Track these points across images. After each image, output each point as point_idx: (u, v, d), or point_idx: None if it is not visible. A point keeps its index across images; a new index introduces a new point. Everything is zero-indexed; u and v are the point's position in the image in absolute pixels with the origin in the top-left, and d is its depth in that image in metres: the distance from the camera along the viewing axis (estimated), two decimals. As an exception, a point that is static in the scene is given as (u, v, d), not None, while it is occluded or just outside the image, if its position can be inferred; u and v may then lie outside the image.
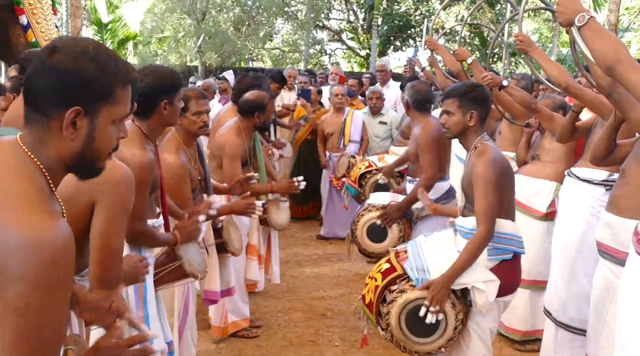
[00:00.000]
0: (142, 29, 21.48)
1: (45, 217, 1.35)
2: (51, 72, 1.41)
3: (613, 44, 2.48)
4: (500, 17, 19.06)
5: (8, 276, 1.29)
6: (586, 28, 2.54)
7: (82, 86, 1.43)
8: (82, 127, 1.45)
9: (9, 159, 1.42)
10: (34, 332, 1.32)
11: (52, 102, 1.43)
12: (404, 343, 3.13)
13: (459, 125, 3.28)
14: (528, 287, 4.56)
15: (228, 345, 4.57)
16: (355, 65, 25.75)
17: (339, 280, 6.17)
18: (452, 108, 3.28)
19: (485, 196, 3.07)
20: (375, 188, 5.66)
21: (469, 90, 3.33)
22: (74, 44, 1.46)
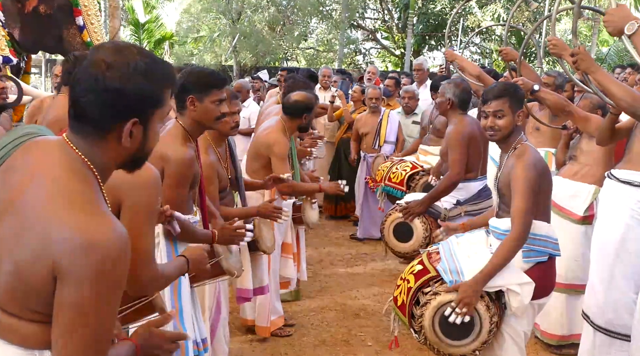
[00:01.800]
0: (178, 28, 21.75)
1: (102, 218, 1.40)
2: (107, 92, 1.45)
3: None
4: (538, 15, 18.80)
5: (68, 276, 1.35)
6: (637, 36, 2.52)
7: (138, 101, 1.49)
8: (138, 134, 1.52)
9: (63, 160, 1.47)
10: (88, 329, 1.37)
11: (109, 118, 1.48)
12: (438, 345, 3.11)
13: (509, 126, 3.20)
14: (564, 291, 4.49)
15: (261, 344, 4.59)
16: (389, 65, 25.67)
17: (372, 279, 6.15)
18: (504, 109, 3.20)
19: (523, 198, 3.03)
20: (425, 190, 5.57)
21: (517, 89, 3.28)
22: (124, 58, 1.47)
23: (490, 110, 3.23)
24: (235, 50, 18.76)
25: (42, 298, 1.41)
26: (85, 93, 1.45)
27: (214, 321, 3.78)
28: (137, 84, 1.47)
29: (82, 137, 1.49)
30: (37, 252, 1.37)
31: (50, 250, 1.35)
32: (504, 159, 3.28)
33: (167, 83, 1.56)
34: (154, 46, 22.76)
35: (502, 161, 3.31)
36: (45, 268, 1.37)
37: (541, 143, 5.14)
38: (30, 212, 1.40)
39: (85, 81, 1.46)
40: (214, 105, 3.08)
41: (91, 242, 1.34)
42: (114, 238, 1.38)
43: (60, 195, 1.40)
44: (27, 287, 1.41)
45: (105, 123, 1.48)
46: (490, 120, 3.25)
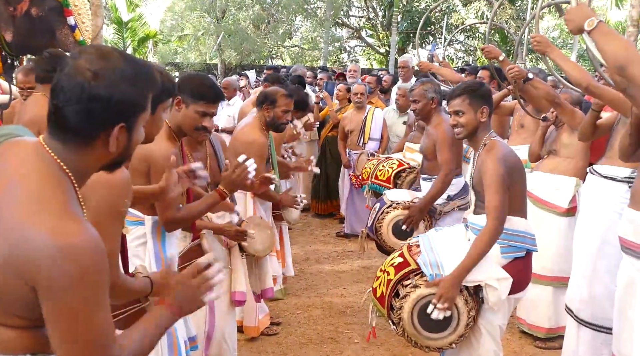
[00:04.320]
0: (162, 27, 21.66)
1: (76, 223, 1.37)
2: (94, 100, 1.42)
3: (623, 44, 2.55)
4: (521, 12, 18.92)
5: (50, 285, 1.33)
6: (595, 32, 2.60)
7: (125, 107, 1.47)
8: (123, 139, 1.50)
9: (38, 164, 1.43)
10: (83, 334, 1.36)
11: (95, 127, 1.46)
12: (416, 338, 3.14)
13: (471, 123, 3.28)
14: (551, 284, 4.53)
15: (248, 343, 4.59)
16: (374, 63, 25.71)
17: (358, 277, 6.17)
18: (463, 107, 3.28)
19: (494, 192, 3.06)
20: (411, 187, 5.58)
21: (478, 87, 3.34)
22: (110, 65, 1.45)
23: (451, 109, 3.34)
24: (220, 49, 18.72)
25: (19, 304, 1.39)
26: (69, 103, 1.42)
27: (210, 325, 3.74)
28: (124, 91, 1.45)
29: (62, 143, 1.46)
30: (8, 258, 1.34)
31: (24, 257, 1.32)
32: (476, 157, 3.32)
33: (151, 87, 1.55)
34: (138, 45, 22.64)
35: (474, 159, 3.35)
36: (17, 275, 1.34)
37: (526, 140, 5.18)
38: (3, 218, 1.37)
39: (70, 90, 1.42)
40: (197, 114, 3.05)
41: (67, 247, 1.32)
42: (89, 241, 1.35)
43: (34, 200, 1.37)
44: (2, 293, 1.39)
45: (91, 132, 1.46)
46: (453, 118, 3.34)
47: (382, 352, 4.48)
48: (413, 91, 4.83)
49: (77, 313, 1.34)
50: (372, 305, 3.43)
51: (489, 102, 3.32)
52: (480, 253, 3.06)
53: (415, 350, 4.39)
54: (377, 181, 5.79)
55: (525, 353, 4.55)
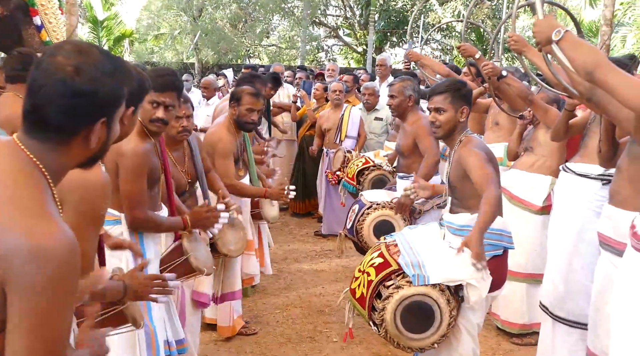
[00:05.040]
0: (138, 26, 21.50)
1: (51, 223, 1.35)
2: (77, 97, 1.41)
3: (590, 51, 2.61)
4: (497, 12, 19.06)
5: (19, 284, 1.30)
6: (563, 41, 2.66)
7: (108, 102, 1.47)
8: (103, 134, 1.49)
9: (13, 163, 1.41)
10: (46, 337, 1.33)
11: (78, 123, 1.44)
12: (398, 338, 3.14)
13: (451, 122, 3.30)
14: (524, 281, 4.58)
15: (226, 343, 4.57)
16: (352, 62, 25.75)
17: (336, 276, 6.17)
18: (444, 105, 3.29)
19: (482, 167, 3.07)
20: (373, 185, 5.65)
21: (461, 86, 3.35)
22: (91, 60, 1.43)
23: (432, 106, 3.34)
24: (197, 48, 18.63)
25: None
26: (50, 100, 1.40)
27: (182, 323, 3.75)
28: (107, 85, 1.44)
29: (39, 140, 1.43)
30: None
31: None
32: (452, 154, 3.33)
33: (128, 81, 1.54)
34: (114, 44, 22.44)
35: (451, 156, 3.37)
36: None
37: (500, 138, 5.23)
38: None
39: (51, 87, 1.40)
40: (149, 105, 3.01)
41: (40, 247, 1.30)
42: (64, 242, 1.33)
43: (8, 200, 1.35)
44: None
45: (73, 129, 1.44)
46: (432, 115, 3.35)
47: (361, 350, 4.49)
48: (392, 86, 4.85)
49: (44, 315, 1.31)
50: (350, 305, 3.42)
51: (469, 103, 3.34)
52: (490, 218, 2.98)
53: (393, 349, 4.40)
54: (347, 178, 5.88)
55: (502, 349, 4.59)
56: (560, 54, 2.70)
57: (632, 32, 19.56)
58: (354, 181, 5.78)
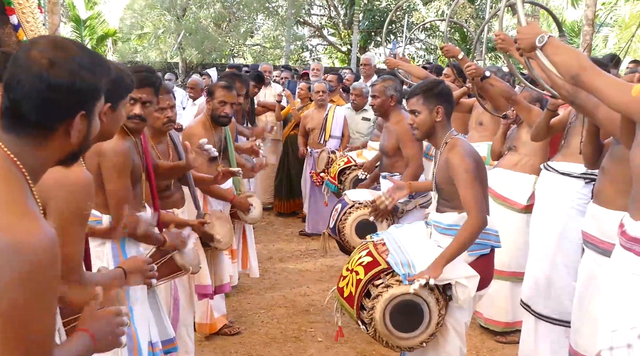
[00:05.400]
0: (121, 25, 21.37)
1: (29, 220, 1.33)
2: (54, 90, 1.39)
3: (574, 55, 2.65)
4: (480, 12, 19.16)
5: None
6: (547, 46, 2.70)
7: (86, 95, 1.45)
8: (83, 128, 1.48)
9: None
10: (25, 336, 1.30)
11: (56, 117, 1.43)
12: (387, 337, 3.13)
13: (426, 123, 3.31)
14: (508, 279, 4.60)
15: (211, 343, 4.56)
16: (336, 61, 25.77)
17: (321, 275, 6.18)
18: (418, 107, 3.31)
19: (470, 186, 3.10)
20: (354, 184, 5.66)
21: (433, 86, 3.36)
22: (67, 54, 1.42)
23: (408, 108, 3.38)
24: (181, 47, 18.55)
25: None
26: (27, 95, 1.39)
27: (173, 321, 3.74)
28: (84, 77, 1.43)
29: (17, 137, 1.42)
30: None
31: None
32: (438, 155, 3.35)
33: (106, 74, 1.53)
34: (97, 43, 22.29)
35: (437, 157, 3.38)
36: None
37: (484, 137, 5.25)
38: None
39: (28, 81, 1.39)
40: None
41: (20, 244, 1.28)
42: (44, 239, 1.31)
43: None
44: None
45: (52, 123, 1.43)
46: (410, 118, 3.37)
47: (346, 350, 4.49)
48: (374, 86, 4.85)
49: (21, 313, 1.29)
50: (338, 304, 3.42)
51: (445, 101, 3.33)
52: (465, 244, 3.08)
53: (379, 347, 4.42)
54: (329, 178, 5.88)
55: (486, 348, 4.61)
56: (544, 60, 2.74)
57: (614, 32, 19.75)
58: (335, 180, 5.79)
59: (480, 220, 3.09)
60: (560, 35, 5.45)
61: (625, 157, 3.13)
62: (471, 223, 3.08)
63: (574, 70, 2.58)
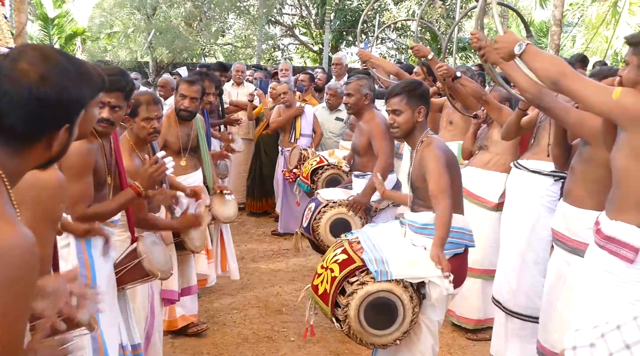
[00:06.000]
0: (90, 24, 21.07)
1: (9, 225, 1.33)
2: (44, 104, 1.39)
3: (553, 61, 2.72)
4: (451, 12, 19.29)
5: None
6: (525, 54, 2.76)
7: (72, 108, 1.46)
8: (64, 139, 1.48)
9: None
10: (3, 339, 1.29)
11: (42, 129, 1.43)
12: (361, 335, 3.14)
13: (408, 123, 3.33)
14: (480, 276, 4.65)
15: (182, 344, 4.53)
16: (308, 61, 25.77)
17: (294, 275, 6.17)
18: (400, 106, 3.33)
19: (438, 176, 3.13)
20: (327, 184, 5.66)
21: (416, 87, 3.38)
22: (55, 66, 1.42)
23: (389, 108, 3.38)
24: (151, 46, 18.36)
25: None
26: (15, 107, 1.38)
27: (150, 326, 3.70)
28: (71, 92, 1.43)
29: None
30: None
31: None
32: (414, 154, 3.37)
33: (91, 85, 1.54)
34: (65, 42, 21.97)
35: (412, 157, 3.40)
36: None
37: (455, 137, 5.30)
38: None
39: (16, 94, 1.37)
40: None
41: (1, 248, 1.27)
42: (23, 243, 1.31)
43: None
44: None
45: (37, 135, 1.42)
46: (390, 117, 3.38)
47: (318, 349, 4.50)
48: (349, 84, 4.86)
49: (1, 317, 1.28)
50: (311, 302, 3.42)
51: (426, 102, 3.37)
52: (446, 233, 3.11)
53: (351, 346, 4.44)
54: (301, 178, 5.88)
55: (458, 345, 4.65)
56: (523, 67, 2.80)
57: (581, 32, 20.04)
58: (308, 180, 5.79)
59: (448, 206, 3.09)
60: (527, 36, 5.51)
61: (593, 158, 3.20)
62: (441, 213, 3.10)
63: (554, 77, 2.63)
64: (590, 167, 3.21)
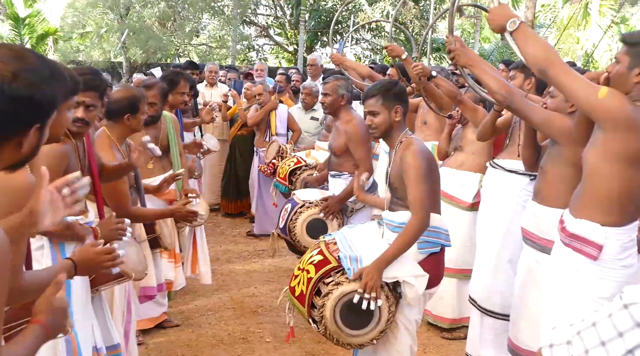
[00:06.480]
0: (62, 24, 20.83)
1: None
2: (14, 102, 1.38)
3: (544, 48, 2.70)
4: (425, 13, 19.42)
5: None
6: (518, 32, 2.74)
7: (44, 108, 1.46)
8: (35, 139, 1.48)
9: None
10: None
11: (14, 128, 1.42)
12: (338, 335, 3.13)
13: (385, 123, 3.33)
14: (455, 276, 4.67)
15: (157, 346, 4.49)
16: (283, 61, 25.74)
17: (269, 276, 6.15)
18: (377, 108, 3.32)
19: (418, 185, 3.12)
20: (306, 184, 5.65)
21: (391, 87, 3.38)
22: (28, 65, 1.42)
23: (366, 109, 3.38)
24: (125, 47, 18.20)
25: None
26: None
27: (127, 323, 3.68)
28: (44, 91, 1.43)
29: None
30: None
31: None
32: (392, 155, 3.37)
33: (63, 86, 1.54)
34: (37, 42, 21.66)
35: (391, 157, 3.40)
36: None
37: (429, 137, 5.32)
38: None
39: None
40: None
41: None
42: None
43: None
44: None
45: (7, 134, 1.42)
46: (368, 118, 3.38)
47: (294, 350, 4.49)
48: (326, 84, 4.86)
49: None
50: (290, 304, 3.41)
51: (403, 101, 3.36)
52: (406, 244, 3.09)
53: (327, 347, 4.44)
54: (278, 179, 5.86)
55: (433, 344, 4.67)
56: (512, 44, 2.78)
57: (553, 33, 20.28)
58: (285, 181, 5.76)
59: (424, 221, 3.11)
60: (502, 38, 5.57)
61: (562, 157, 3.24)
62: (413, 224, 3.11)
63: (543, 65, 2.63)
64: (558, 167, 3.25)
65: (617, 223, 2.67)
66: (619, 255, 2.66)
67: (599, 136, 2.66)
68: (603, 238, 2.63)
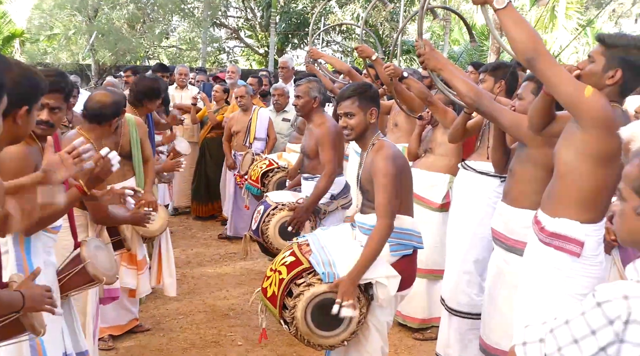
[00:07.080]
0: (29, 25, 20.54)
1: None
2: None
3: (533, 37, 2.65)
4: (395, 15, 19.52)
5: None
6: (505, 13, 2.67)
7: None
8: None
9: None
10: None
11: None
12: (309, 336, 3.14)
13: (361, 125, 3.33)
14: (425, 276, 4.70)
15: (128, 351, 4.45)
16: (254, 63, 25.68)
17: (241, 279, 6.13)
18: (352, 109, 3.32)
19: (385, 190, 3.13)
20: (278, 186, 5.63)
21: (367, 89, 3.40)
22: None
23: (341, 111, 3.38)
24: (93, 49, 18.00)
25: None
26: None
27: (95, 328, 3.64)
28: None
29: None
30: None
31: None
32: (364, 157, 3.38)
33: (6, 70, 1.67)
34: (3, 44, 21.33)
35: (362, 159, 3.41)
36: None
37: (400, 139, 5.35)
38: None
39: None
40: None
41: None
42: None
43: None
44: None
45: None
46: (343, 120, 3.38)
47: (266, 352, 4.48)
48: (299, 87, 4.85)
49: None
50: (262, 305, 3.40)
51: (377, 103, 3.38)
52: (375, 251, 3.10)
53: (299, 349, 4.44)
54: (250, 181, 5.83)
55: (404, 345, 4.70)
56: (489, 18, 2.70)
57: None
58: (258, 183, 5.74)
59: (388, 226, 3.12)
60: (471, 41, 5.62)
61: (530, 159, 3.29)
62: (378, 229, 3.12)
63: (530, 54, 2.60)
64: (527, 168, 3.30)
65: (594, 220, 2.71)
66: (595, 251, 2.71)
67: (577, 134, 2.67)
68: (584, 235, 2.68)
